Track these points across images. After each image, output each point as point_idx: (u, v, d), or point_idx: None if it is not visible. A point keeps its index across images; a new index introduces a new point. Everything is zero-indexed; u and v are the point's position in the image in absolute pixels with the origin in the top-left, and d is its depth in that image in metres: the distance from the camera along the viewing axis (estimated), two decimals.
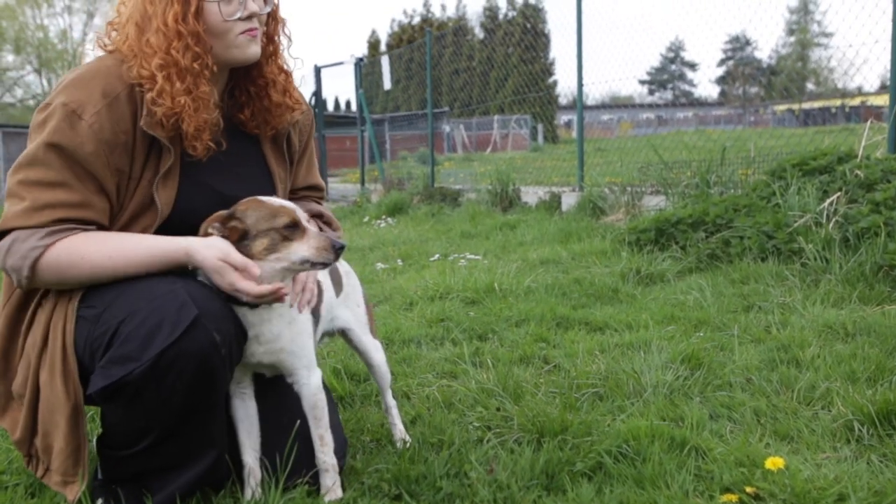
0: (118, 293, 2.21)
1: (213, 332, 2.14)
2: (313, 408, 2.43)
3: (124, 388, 2.12)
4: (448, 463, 2.63)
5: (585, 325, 4.55)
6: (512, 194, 10.94)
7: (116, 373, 2.11)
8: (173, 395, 2.14)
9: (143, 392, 2.12)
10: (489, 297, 5.28)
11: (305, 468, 2.44)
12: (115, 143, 2.26)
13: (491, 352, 4.06)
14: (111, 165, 2.27)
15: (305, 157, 2.81)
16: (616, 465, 2.56)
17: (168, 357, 2.09)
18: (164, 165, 2.33)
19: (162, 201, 2.33)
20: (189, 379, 2.13)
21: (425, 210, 11.47)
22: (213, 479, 2.35)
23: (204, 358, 2.14)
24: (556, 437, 2.80)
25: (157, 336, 2.09)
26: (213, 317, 2.17)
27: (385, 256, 7.77)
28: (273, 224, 2.25)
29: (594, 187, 9.19)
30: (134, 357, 2.10)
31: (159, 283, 2.20)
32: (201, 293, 2.20)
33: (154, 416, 2.18)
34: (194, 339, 2.11)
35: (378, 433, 3.01)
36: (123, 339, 2.12)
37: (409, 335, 4.45)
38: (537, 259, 6.69)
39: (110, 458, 2.33)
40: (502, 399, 3.27)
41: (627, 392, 3.33)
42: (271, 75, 2.55)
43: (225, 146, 2.47)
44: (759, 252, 5.64)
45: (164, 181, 2.34)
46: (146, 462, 2.26)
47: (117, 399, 2.15)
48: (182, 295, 2.15)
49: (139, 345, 2.10)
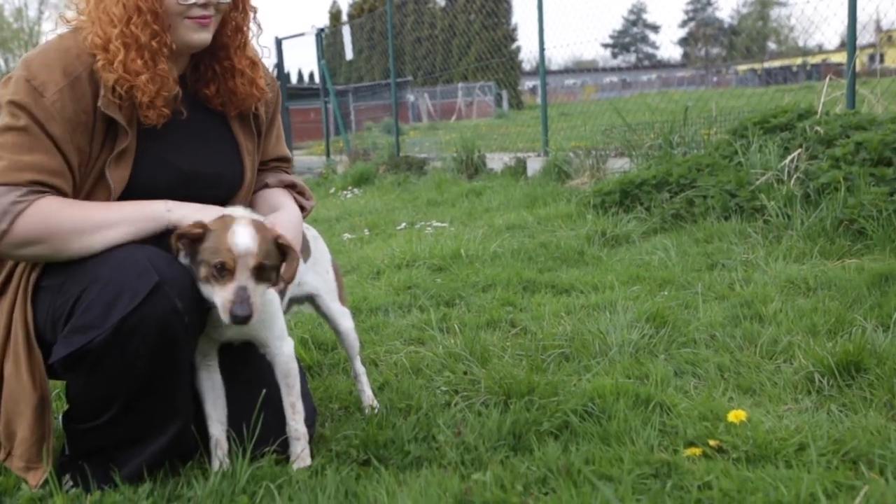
0: (80, 263, 2.20)
1: (174, 299, 2.14)
2: (286, 376, 2.44)
3: (86, 357, 2.11)
4: (416, 427, 2.64)
5: (552, 288, 4.58)
6: (477, 161, 10.92)
7: (78, 341, 2.10)
8: (136, 361, 2.13)
9: (104, 360, 2.12)
10: (456, 264, 5.29)
11: (273, 436, 2.44)
12: (76, 123, 2.24)
13: (458, 317, 4.07)
14: (74, 144, 2.25)
15: (273, 129, 2.79)
16: (582, 424, 2.59)
17: (130, 324, 2.09)
18: (120, 146, 2.31)
19: (114, 180, 2.31)
20: (151, 345, 2.13)
21: (391, 180, 11.43)
22: (180, 450, 2.35)
23: (166, 324, 2.13)
24: (523, 398, 2.82)
25: (119, 303, 2.09)
26: (175, 284, 2.16)
27: (352, 227, 7.74)
28: (210, 259, 2.19)
29: (559, 152, 9.19)
30: (95, 325, 2.09)
31: (121, 252, 2.19)
32: (164, 261, 2.19)
33: (117, 384, 2.17)
34: (156, 305, 2.11)
35: (346, 401, 3.02)
36: (85, 308, 2.12)
37: (377, 303, 4.45)
38: (503, 224, 6.70)
39: (76, 432, 2.32)
40: (469, 363, 3.29)
41: (593, 352, 3.36)
42: (239, 66, 2.53)
43: (185, 115, 2.45)
44: (723, 211, 5.69)
45: (117, 161, 2.32)
46: (111, 434, 2.26)
47: (79, 368, 2.14)
48: (143, 262, 2.14)
49: (101, 312, 2.10)
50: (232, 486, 2.24)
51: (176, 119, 2.42)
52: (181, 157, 2.43)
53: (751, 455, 2.34)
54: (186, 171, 2.42)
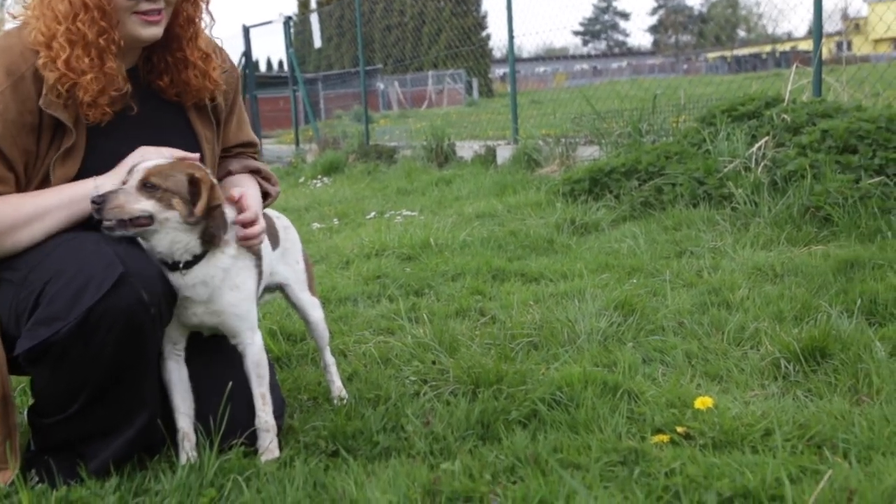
0: (44, 255, 2.19)
1: (140, 290, 2.13)
2: (257, 366, 2.44)
3: (51, 349, 2.09)
4: (385, 417, 2.65)
5: (521, 277, 4.59)
6: (447, 149, 10.91)
7: (43, 333, 2.08)
8: (102, 352, 2.12)
9: (70, 351, 2.10)
10: (425, 253, 5.29)
11: (241, 429, 2.44)
12: (20, 125, 2.22)
13: (427, 307, 4.07)
14: (19, 146, 2.23)
15: (234, 115, 2.77)
16: (550, 412, 2.60)
17: (95, 315, 2.08)
18: (65, 145, 2.29)
19: (57, 178, 2.29)
20: (117, 336, 2.12)
21: (361, 168, 11.39)
22: (147, 443, 2.34)
23: (131, 315, 2.12)
24: (492, 387, 2.83)
25: (84, 294, 2.07)
26: (141, 275, 2.15)
27: (321, 216, 7.71)
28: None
29: (529, 139, 9.20)
30: (60, 316, 2.08)
31: (86, 244, 2.18)
32: (129, 253, 2.18)
33: (83, 376, 2.16)
34: (121, 296, 2.10)
35: (315, 391, 3.01)
36: (50, 299, 2.10)
37: (346, 293, 4.44)
38: (473, 213, 6.70)
39: (41, 426, 2.30)
40: (438, 353, 3.29)
41: (562, 340, 3.38)
42: (192, 58, 2.50)
43: (136, 111, 2.42)
44: (691, 198, 5.73)
45: (63, 159, 2.30)
46: (77, 427, 2.24)
47: (44, 361, 2.12)
48: (108, 254, 2.13)
49: (66, 304, 2.08)
50: (200, 479, 2.24)
51: (127, 113, 2.39)
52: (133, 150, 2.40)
53: (717, 441, 2.36)
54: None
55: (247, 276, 2.43)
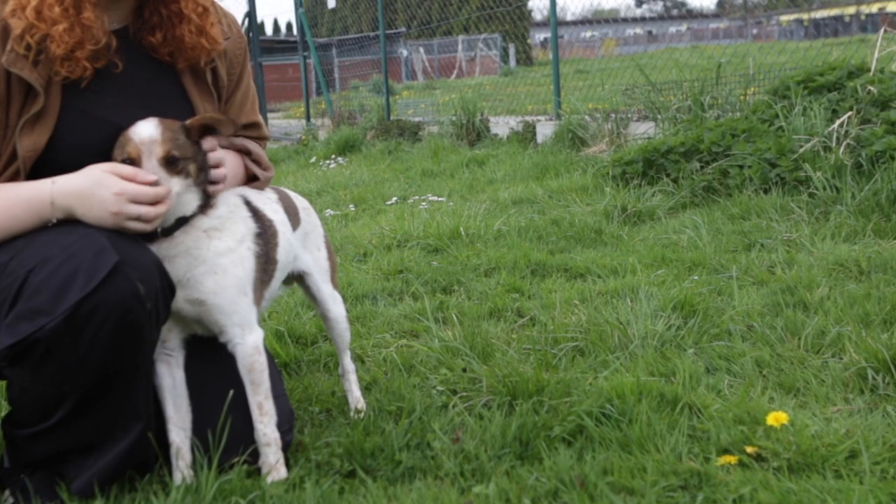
0: (27, 239, 2.19)
1: (136, 282, 2.12)
2: (250, 371, 2.42)
3: (34, 347, 2.09)
4: (408, 433, 2.64)
5: (564, 272, 4.58)
6: (480, 126, 10.90)
7: (25, 329, 2.08)
8: (91, 353, 2.12)
9: (55, 351, 2.10)
10: (454, 244, 5.29)
11: (243, 444, 2.44)
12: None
13: (456, 306, 4.07)
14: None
15: (238, 93, 2.75)
16: (599, 428, 2.59)
17: (84, 310, 2.07)
18: (33, 109, 2.29)
19: (23, 147, 2.29)
20: (108, 335, 2.11)
21: (381, 147, 11.41)
22: (138, 461, 2.33)
23: (125, 310, 2.11)
24: (531, 398, 2.82)
25: (72, 286, 2.07)
26: (137, 265, 2.14)
27: (335, 201, 7.73)
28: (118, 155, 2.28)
29: (573, 115, 9.17)
30: (45, 311, 2.08)
31: (75, 227, 2.18)
32: (125, 240, 2.18)
33: (68, 381, 2.16)
34: (115, 288, 2.09)
35: (328, 402, 3.02)
36: (33, 291, 2.10)
37: (364, 290, 4.45)
38: (509, 198, 6.69)
39: (17, 439, 2.30)
40: (469, 359, 3.29)
41: (612, 345, 3.36)
42: (186, 11, 2.50)
43: (120, 68, 2.41)
44: (761, 183, 5.68)
45: (30, 125, 2.30)
46: (59, 441, 2.24)
47: (25, 361, 2.12)
48: (101, 240, 2.13)
49: (51, 296, 2.08)
50: (196, 502, 2.24)
51: (112, 73, 2.39)
52: (122, 118, 2.37)
53: (794, 464, 2.34)
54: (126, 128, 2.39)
55: (235, 258, 2.39)
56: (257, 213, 2.53)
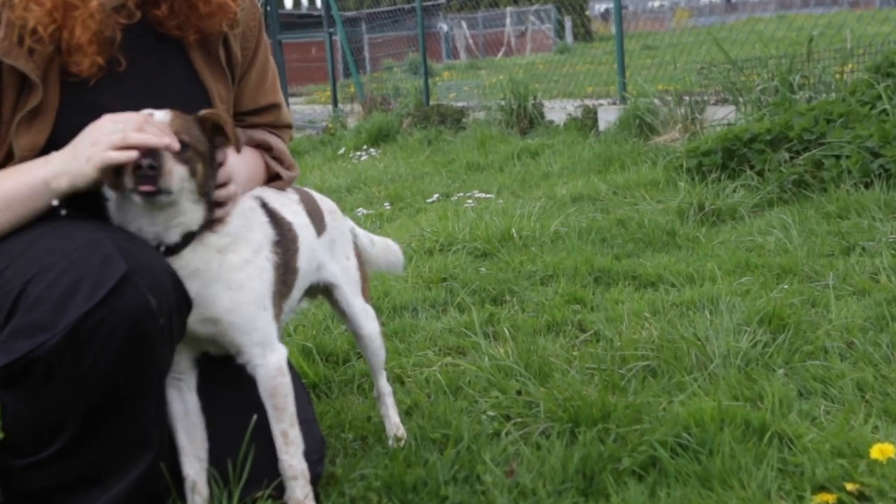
0: (25, 246, 2.22)
1: (147, 294, 2.13)
2: (272, 395, 2.44)
3: (31, 367, 2.11)
4: (455, 464, 2.66)
5: (632, 280, 4.58)
6: (532, 111, 10.89)
7: (21, 347, 2.10)
8: (95, 373, 2.13)
9: (55, 371, 2.12)
10: (505, 248, 5.29)
11: (268, 477, 2.46)
12: None
13: (509, 319, 4.08)
14: None
15: (254, 71, 2.77)
16: (674, 460, 2.59)
17: (88, 324, 2.09)
18: (30, 104, 2.31)
19: (21, 146, 2.32)
20: (115, 353, 2.13)
21: (419, 136, 11.43)
22: (149, 494, 2.35)
23: (135, 325, 2.13)
24: (595, 426, 2.82)
25: (75, 298, 2.09)
26: (149, 275, 2.16)
27: (368, 199, 7.77)
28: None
29: (640, 98, 9.14)
30: (45, 325, 2.09)
31: (78, 232, 2.20)
32: (134, 245, 2.20)
33: (70, 405, 2.18)
34: (123, 301, 2.11)
35: (363, 429, 3.04)
36: (31, 304, 2.12)
37: (402, 300, 4.47)
38: (567, 195, 6.69)
39: (12, 470, 2.31)
40: (524, 380, 3.29)
41: (688, 365, 3.35)
42: None
43: (124, 65, 2.42)
44: (861, 175, 5.63)
45: (28, 122, 2.33)
46: (60, 472, 2.26)
47: (22, 383, 2.15)
48: (107, 246, 2.15)
49: (51, 310, 2.10)
50: None
51: (114, 68, 2.41)
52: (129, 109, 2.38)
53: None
54: None
55: (253, 272, 2.41)
56: (275, 217, 2.54)
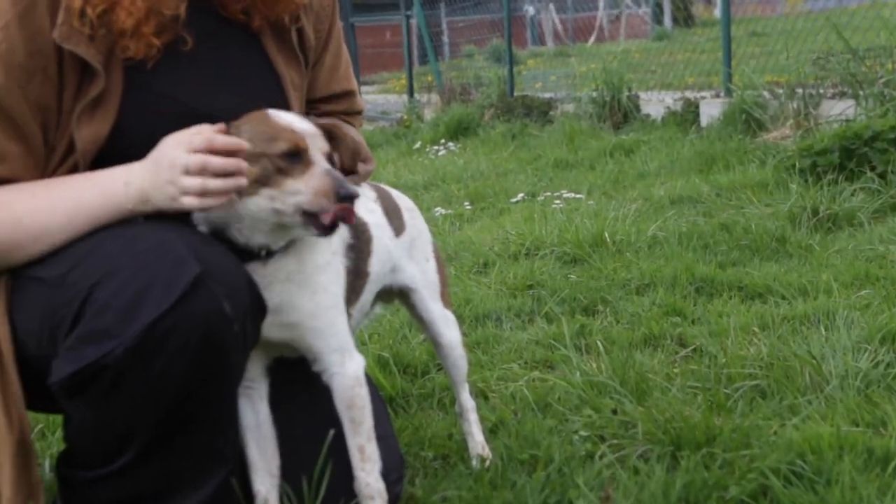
0: (92, 247, 2.25)
1: (221, 299, 2.17)
2: (349, 407, 2.46)
3: (99, 375, 2.15)
4: (545, 488, 2.67)
5: (738, 291, 4.55)
6: (627, 104, 10.84)
7: (90, 354, 2.14)
8: (165, 383, 2.17)
9: (124, 380, 2.15)
10: (597, 253, 5.29)
11: (344, 496, 2.48)
12: (32, 69, 2.29)
13: (602, 331, 4.09)
14: (30, 99, 2.30)
15: (327, 55, 2.81)
16: (788, 490, 2.57)
17: (159, 331, 2.12)
18: (91, 92, 2.35)
19: (82, 139, 2.35)
20: (188, 362, 2.16)
21: (502, 130, 11.44)
22: None
23: (209, 332, 2.16)
24: (700, 450, 2.81)
25: (146, 303, 2.12)
26: (223, 278, 2.19)
27: (447, 198, 7.80)
28: (268, 149, 2.24)
29: (747, 90, 9.05)
30: (113, 332, 2.13)
31: (147, 233, 2.23)
32: (207, 246, 2.23)
33: (138, 416, 2.22)
34: (196, 306, 2.14)
35: (444, 447, 3.07)
36: (98, 309, 2.15)
37: (485, 309, 4.49)
38: (666, 197, 6.67)
39: (76, 483, 2.37)
40: (620, 397, 3.29)
41: (801, 386, 3.32)
42: None
43: (190, 44, 2.45)
44: None
45: (90, 112, 2.36)
46: (126, 487, 2.30)
47: (89, 392, 2.18)
48: (179, 247, 2.18)
49: (121, 315, 2.13)
50: None
51: (180, 48, 2.44)
52: (197, 96, 2.47)
53: None
54: (208, 114, 2.42)
55: (332, 274, 2.46)
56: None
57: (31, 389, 2.33)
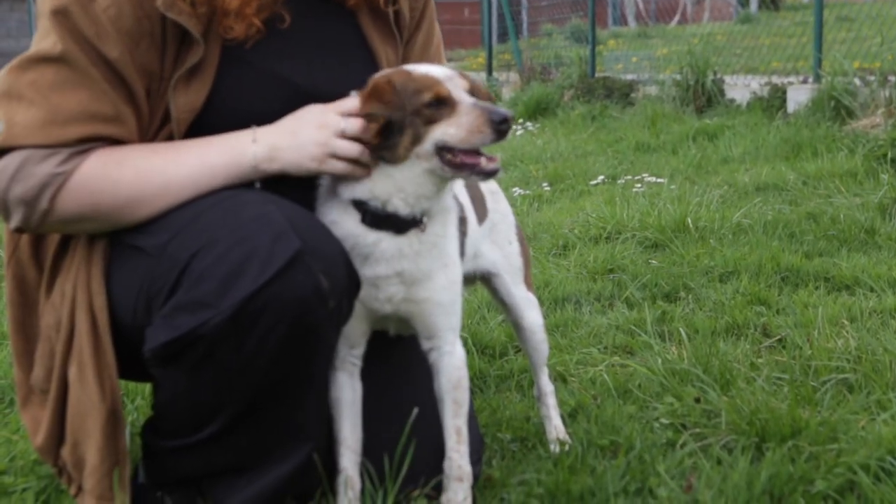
0: (191, 217, 2.28)
1: (318, 275, 2.19)
2: (455, 388, 2.47)
3: (194, 345, 2.19)
4: (626, 475, 2.66)
5: (825, 282, 4.53)
6: (711, 88, 10.75)
7: (185, 323, 2.18)
8: (258, 356, 2.20)
9: (217, 352, 2.19)
10: (679, 239, 5.28)
11: (425, 475, 2.50)
12: (139, 34, 2.33)
13: (684, 318, 4.08)
14: (137, 64, 2.34)
15: (420, 34, 2.83)
16: (877, 487, 2.55)
17: (256, 304, 2.15)
18: (189, 61, 2.38)
19: (178, 108, 2.38)
20: (282, 335, 2.19)
21: (582, 111, 11.41)
22: (301, 488, 2.42)
23: (304, 309, 2.19)
24: (785, 442, 2.79)
25: (243, 276, 2.15)
26: (321, 254, 2.22)
27: (525, 178, 7.81)
28: (416, 103, 2.26)
29: (837, 76, 8.95)
30: (210, 303, 2.16)
31: (248, 204, 2.26)
32: (306, 220, 2.26)
33: (229, 388, 2.26)
34: (293, 281, 2.16)
35: (522, 430, 3.07)
36: (196, 279, 2.19)
37: (564, 292, 4.50)
38: (751, 184, 6.63)
39: (160, 451, 2.43)
40: (702, 386, 3.28)
41: (891, 381, 3.29)
42: None
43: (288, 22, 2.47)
44: None
45: (186, 80, 2.39)
46: (210, 457, 2.35)
47: (182, 361, 2.23)
48: (279, 221, 2.20)
49: (218, 286, 2.16)
50: None
51: (277, 26, 2.47)
52: (294, 71, 2.50)
53: None
54: (304, 89, 2.48)
55: (456, 248, 2.47)
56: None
57: (123, 358, 2.38)
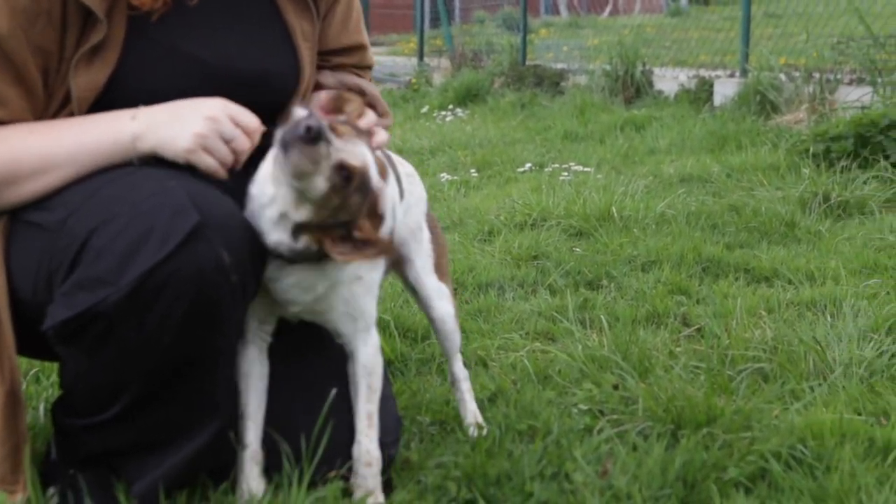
0: (90, 192, 2.25)
1: (219, 249, 2.16)
2: (369, 374, 2.48)
3: (93, 323, 2.16)
4: (542, 459, 2.66)
5: (745, 273, 4.57)
6: (640, 79, 10.83)
7: (84, 300, 2.14)
8: (161, 332, 2.17)
9: (118, 328, 2.16)
10: (604, 228, 5.30)
11: (341, 457, 2.49)
12: (35, 13, 2.29)
13: (605, 305, 4.09)
14: (31, 44, 2.29)
15: (339, 6, 2.79)
16: (787, 474, 2.58)
17: (154, 281, 2.12)
18: (92, 40, 2.33)
19: (80, 86, 2.34)
20: (184, 311, 2.17)
21: (512, 98, 11.43)
22: (213, 463, 2.41)
23: (205, 283, 2.16)
24: (700, 430, 2.81)
25: (142, 251, 2.12)
26: (222, 228, 2.19)
27: (453, 164, 7.80)
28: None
29: (763, 71, 9.04)
30: (108, 279, 2.13)
31: (147, 180, 2.23)
32: (208, 195, 2.22)
33: (133, 364, 2.22)
34: (193, 255, 2.14)
35: (442, 413, 3.07)
36: (95, 255, 2.15)
37: (488, 277, 4.50)
38: (675, 175, 6.68)
39: (69, 430, 2.39)
40: (621, 373, 3.30)
41: (805, 372, 3.33)
42: None
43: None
44: None
45: (87, 60, 2.35)
46: (120, 435, 2.32)
47: (82, 339, 2.19)
48: (179, 195, 2.17)
49: (116, 263, 2.13)
50: None
51: (185, 1, 2.44)
52: (202, 46, 2.46)
53: None
54: (213, 65, 2.45)
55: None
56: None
57: (26, 335, 2.34)
